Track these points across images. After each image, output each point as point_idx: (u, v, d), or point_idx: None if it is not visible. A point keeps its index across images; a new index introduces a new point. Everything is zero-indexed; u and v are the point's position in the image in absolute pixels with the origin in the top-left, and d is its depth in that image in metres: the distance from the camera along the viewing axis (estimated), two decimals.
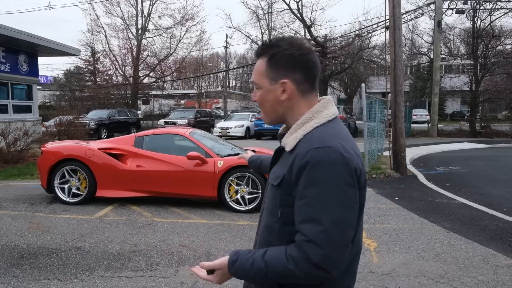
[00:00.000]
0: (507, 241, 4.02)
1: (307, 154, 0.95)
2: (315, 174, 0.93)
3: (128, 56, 25.69)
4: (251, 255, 0.99)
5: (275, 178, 1.05)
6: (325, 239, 0.91)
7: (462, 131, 19.39)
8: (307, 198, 0.94)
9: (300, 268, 0.92)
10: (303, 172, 0.95)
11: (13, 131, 9.38)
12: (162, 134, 5.87)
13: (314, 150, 0.95)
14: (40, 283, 3.02)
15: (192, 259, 3.52)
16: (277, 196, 1.03)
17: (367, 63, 25.53)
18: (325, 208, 0.92)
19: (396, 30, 8.04)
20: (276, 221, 1.04)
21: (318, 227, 0.91)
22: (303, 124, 1.04)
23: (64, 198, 5.41)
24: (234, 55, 53.50)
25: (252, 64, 38.40)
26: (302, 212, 0.94)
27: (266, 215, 1.09)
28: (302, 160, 0.96)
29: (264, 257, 0.96)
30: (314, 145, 0.96)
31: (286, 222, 1.01)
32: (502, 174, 8.31)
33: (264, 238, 1.09)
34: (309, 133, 1.01)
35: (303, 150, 0.97)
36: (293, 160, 0.99)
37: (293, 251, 0.94)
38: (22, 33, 10.92)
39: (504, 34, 19.11)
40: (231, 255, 1.02)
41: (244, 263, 0.98)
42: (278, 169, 1.07)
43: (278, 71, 1.04)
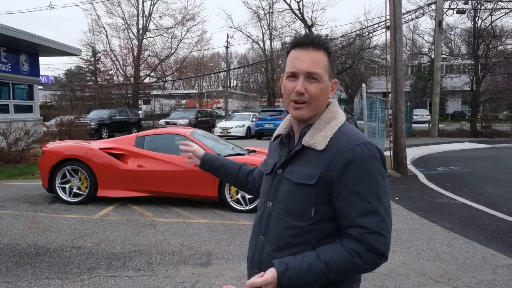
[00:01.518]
0: (507, 241, 4.02)
1: (350, 151, 0.99)
2: (363, 169, 0.98)
3: (129, 56, 25.72)
4: (302, 260, 0.98)
5: (307, 177, 1.02)
6: (385, 227, 0.99)
7: (463, 131, 19.37)
8: (360, 192, 0.98)
9: (365, 260, 0.98)
10: (349, 168, 0.98)
11: (14, 131, 9.41)
12: (162, 134, 5.88)
13: (357, 147, 1.00)
14: (41, 282, 3.04)
15: (192, 258, 3.53)
16: (309, 195, 1.02)
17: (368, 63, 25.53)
18: (379, 199, 0.99)
19: (396, 30, 8.04)
20: (307, 221, 1.03)
21: (377, 217, 0.98)
22: (327, 124, 1.06)
23: (65, 198, 5.42)
24: (235, 55, 53.55)
25: (253, 64, 38.37)
26: (357, 206, 0.98)
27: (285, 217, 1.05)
28: (345, 158, 0.99)
29: (321, 258, 0.98)
30: (353, 142, 1.01)
31: (319, 221, 1.02)
32: (503, 174, 8.30)
33: (284, 240, 1.05)
34: (338, 132, 1.04)
35: (344, 148, 1.00)
36: (331, 159, 1.00)
37: (353, 245, 0.98)
38: (23, 33, 10.95)
39: (505, 34, 19.07)
40: (278, 266, 0.99)
41: (298, 270, 0.97)
42: (306, 169, 1.03)
43: (333, 70, 1.08)
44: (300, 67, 1.03)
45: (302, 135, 1.09)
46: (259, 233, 1.12)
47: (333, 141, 1.02)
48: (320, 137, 1.04)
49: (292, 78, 1.06)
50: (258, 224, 1.14)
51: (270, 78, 32.14)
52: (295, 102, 1.06)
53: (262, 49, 32.90)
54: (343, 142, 1.01)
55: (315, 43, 1.04)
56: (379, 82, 29.65)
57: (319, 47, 1.05)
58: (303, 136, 1.08)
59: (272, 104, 32.28)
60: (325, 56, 1.05)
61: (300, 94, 1.04)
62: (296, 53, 1.05)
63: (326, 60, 1.05)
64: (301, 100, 1.05)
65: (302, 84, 1.04)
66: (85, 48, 26.39)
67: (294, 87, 1.05)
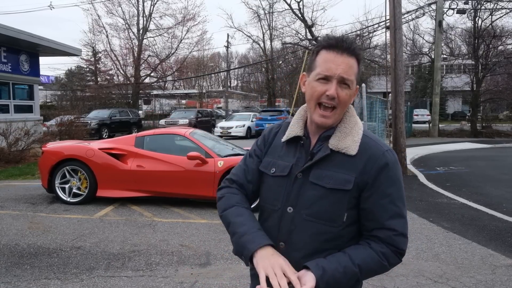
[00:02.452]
0: (506, 241, 4.02)
1: (383, 156, 1.04)
2: (394, 174, 1.04)
3: (130, 56, 25.75)
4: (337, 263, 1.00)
5: (343, 182, 1.02)
6: (407, 229, 1.05)
7: (463, 131, 19.35)
8: (390, 195, 1.03)
9: (390, 261, 1.03)
10: (383, 172, 1.03)
11: (14, 131, 9.42)
12: (162, 134, 5.89)
13: (386, 152, 1.05)
14: (41, 282, 3.04)
15: (192, 259, 3.53)
16: (343, 200, 1.03)
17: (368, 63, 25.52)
18: (403, 203, 1.06)
19: (396, 30, 8.04)
20: (338, 226, 1.04)
21: (403, 219, 1.04)
22: (352, 128, 1.07)
23: (64, 198, 5.43)
24: (236, 55, 53.59)
25: (253, 64, 38.36)
26: (388, 209, 1.03)
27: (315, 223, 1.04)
28: (380, 162, 1.03)
29: (354, 261, 1.01)
30: (383, 147, 1.06)
31: (349, 224, 1.06)
32: (503, 174, 8.30)
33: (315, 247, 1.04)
34: (364, 136, 1.07)
35: (377, 153, 1.04)
36: (365, 163, 1.03)
37: (381, 247, 1.02)
38: (23, 33, 10.96)
39: (505, 34, 19.05)
40: (315, 269, 0.98)
41: (335, 272, 0.99)
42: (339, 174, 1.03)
43: (358, 76, 1.08)
44: (335, 72, 1.02)
45: (322, 138, 1.07)
46: (276, 238, 1.08)
47: (363, 146, 1.05)
48: (350, 141, 1.05)
49: (323, 81, 1.04)
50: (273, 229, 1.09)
51: (270, 78, 32.12)
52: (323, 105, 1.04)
53: (263, 49, 32.91)
54: (373, 148, 1.05)
55: (350, 48, 1.04)
56: (379, 82, 29.63)
57: (353, 53, 1.04)
58: (323, 139, 1.07)
59: (272, 104, 32.27)
60: (356, 63, 1.05)
61: (332, 99, 1.03)
62: (330, 55, 1.03)
63: (357, 67, 1.06)
64: (331, 104, 1.03)
65: (335, 89, 1.02)
66: (86, 48, 26.46)
67: (325, 90, 1.03)
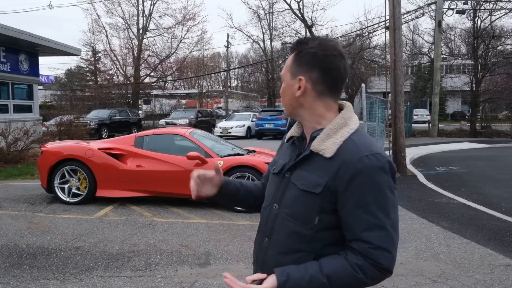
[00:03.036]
0: (504, 241, 4.03)
1: (359, 162, 0.95)
2: (371, 181, 0.95)
3: (129, 55, 25.74)
4: (304, 271, 0.97)
5: (313, 185, 1.00)
6: (391, 243, 0.95)
7: (462, 131, 19.37)
8: (367, 205, 0.95)
9: (368, 275, 0.95)
10: (356, 179, 0.95)
11: (13, 131, 9.42)
12: (162, 134, 5.89)
13: (366, 157, 0.95)
14: (40, 283, 3.04)
15: (191, 259, 3.53)
16: (314, 203, 1.00)
17: (368, 63, 25.53)
18: (386, 213, 0.95)
19: (396, 30, 8.04)
20: (310, 228, 1.01)
21: (383, 232, 0.94)
22: (337, 130, 1.02)
23: (64, 198, 5.43)
24: (236, 55, 53.55)
25: (253, 64, 38.39)
26: (363, 220, 0.95)
27: (290, 222, 1.04)
28: (354, 168, 0.95)
29: (323, 271, 0.96)
30: (363, 152, 0.96)
31: (322, 229, 1.01)
32: (502, 174, 8.30)
33: (288, 246, 1.04)
34: (347, 139, 1.00)
35: (353, 158, 0.96)
36: (338, 167, 0.97)
37: (357, 260, 0.95)
38: (22, 33, 10.95)
39: (504, 34, 19.07)
40: (279, 275, 0.98)
41: (300, 280, 0.96)
42: (313, 176, 1.01)
43: (299, 67, 1.05)
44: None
45: (311, 139, 1.07)
46: (264, 234, 1.11)
47: (342, 149, 0.99)
48: (329, 143, 1.00)
49: None
50: (263, 224, 1.13)
51: (270, 78, 32.13)
52: None
53: (263, 49, 32.92)
54: (352, 151, 0.97)
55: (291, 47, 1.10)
56: (379, 82, 29.63)
57: (291, 50, 1.09)
58: (311, 140, 1.06)
59: (272, 104, 32.27)
60: (291, 56, 1.07)
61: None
62: None
63: (290, 60, 1.07)
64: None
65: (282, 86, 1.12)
66: (85, 47, 26.47)
67: None
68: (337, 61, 1.03)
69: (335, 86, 1.05)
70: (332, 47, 1.04)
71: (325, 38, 1.07)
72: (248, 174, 5.06)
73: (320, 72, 1.02)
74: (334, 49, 1.03)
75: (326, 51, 1.02)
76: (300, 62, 1.04)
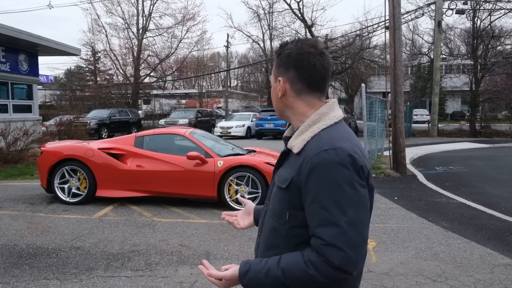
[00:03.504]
0: (504, 240, 4.03)
1: (317, 156, 0.94)
2: (327, 176, 0.93)
3: (129, 55, 25.72)
4: (264, 264, 0.98)
5: (282, 180, 1.02)
6: (344, 241, 0.91)
7: (462, 131, 19.39)
8: (321, 201, 0.93)
9: (321, 272, 0.92)
10: (313, 174, 0.94)
11: (13, 131, 9.41)
12: (162, 134, 5.89)
13: (324, 152, 0.94)
14: (40, 283, 3.04)
15: (191, 258, 3.53)
16: (284, 199, 1.01)
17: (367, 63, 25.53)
18: (341, 210, 0.92)
19: (396, 30, 8.05)
20: (283, 224, 1.02)
21: (336, 229, 0.91)
22: (310, 126, 1.02)
23: (64, 198, 5.43)
24: (236, 55, 53.55)
25: (253, 64, 38.38)
26: (317, 215, 0.93)
27: (271, 218, 1.07)
28: (311, 163, 0.94)
29: (280, 264, 0.96)
30: (323, 147, 0.95)
31: (294, 225, 1.00)
32: (501, 174, 8.31)
33: (269, 241, 1.07)
34: (316, 135, 1.00)
35: (312, 153, 0.96)
36: (301, 163, 0.97)
37: (311, 256, 0.93)
38: (22, 33, 10.95)
39: (504, 34, 19.10)
40: (242, 265, 1.01)
41: (258, 273, 0.98)
42: (285, 172, 1.04)
43: (278, 70, 1.08)
44: None
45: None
46: (259, 230, 1.16)
47: (308, 145, 0.99)
48: (299, 140, 1.01)
49: None
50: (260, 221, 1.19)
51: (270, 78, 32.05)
52: None
53: (262, 49, 32.90)
54: (313, 147, 0.97)
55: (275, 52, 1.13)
56: (379, 82, 29.64)
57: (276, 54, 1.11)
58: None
59: (272, 104, 32.19)
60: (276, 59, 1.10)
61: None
62: None
63: (276, 64, 1.10)
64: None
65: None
66: (85, 47, 26.45)
67: None
68: (311, 58, 1.02)
69: (313, 83, 1.04)
70: (308, 45, 1.04)
71: (305, 39, 1.08)
72: (248, 174, 5.06)
73: (295, 71, 1.04)
74: (311, 47, 1.03)
75: (301, 50, 1.04)
76: (279, 64, 1.08)
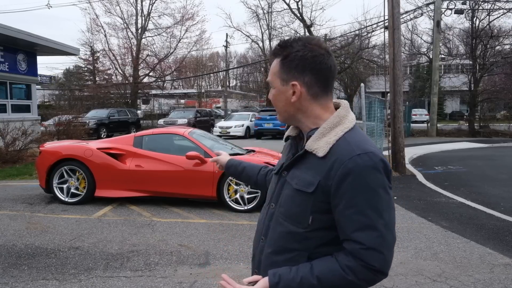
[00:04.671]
0: (504, 240, 4.04)
1: (351, 161, 0.94)
2: (363, 181, 0.93)
3: (128, 55, 25.71)
4: (296, 273, 0.97)
5: (306, 184, 1.00)
6: (383, 244, 0.93)
7: (461, 130, 19.42)
8: (358, 205, 0.93)
9: (360, 276, 0.93)
10: (348, 179, 0.94)
11: (11, 131, 9.38)
12: (161, 134, 5.87)
13: (357, 157, 0.94)
14: (38, 283, 3.03)
15: (191, 258, 3.53)
16: (306, 203, 1.00)
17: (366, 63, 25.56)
18: (378, 213, 0.93)
19: (395, 30, 8.05)
20: (304, 228, 1.01)
21: (375, 233, 0.93)
22: (332, 129, 1.01)
23: (63, 198, 5.41)
24: (235, 55, 53.48)
25: (252, 63, 38.37)
26: (354, 220, 0.94)
27: (284, 221, 1.04)
28: (345, 167, 0.94)
29: (314, 273, 0.95)
30: (355, 151, 0.95)
31: (316, 228, 1.00)
32: (500, 174, 8.32)
33: (280, 245, 1.05)
34: (341, 138, 0.99)
35: (344, 157, 0.95)
36: (331, 167, 0.96)
37: (348, 261, 0.94)
38: (21, 32, 10.91)
39: (502, 34, 19.14)
40: (271, 277, 0.98)
41: (290, 282, 0.96)
42: (306, 175, 1.01)
43: (290, 73, 1.03)
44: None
45: (308, 138, 1.07)
46: (261, 233, 1.13)
47: (335, 148, 0.98)
48: (323, 143, 1.00)
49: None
50: (261, 223, 1.15)
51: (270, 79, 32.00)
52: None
53: (261, 49, 32.89)
54: (344, 150, 0.96)
55: (273, 52, 1.08)
56: (378, 82, 29.68)
57: (275, 54, 1.07)
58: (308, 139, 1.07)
59: (271, 104, 32.18)
60: (278, 61, 1.05)
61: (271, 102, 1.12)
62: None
63: (277, 66, 1.06)
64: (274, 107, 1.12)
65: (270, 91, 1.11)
66: (84, 47, 26.41)
67: None
68: (326, 60, 1.02)
69: (328, 85, 1.05)
70: (317, 46, 1.02)
71: (308, 37, 1.06)
72: None
73: (312, 74, 1.02)
74: (320, 48, 1.02)
75: (314, 52, 1.01)
76: (289, 67, 1.03)
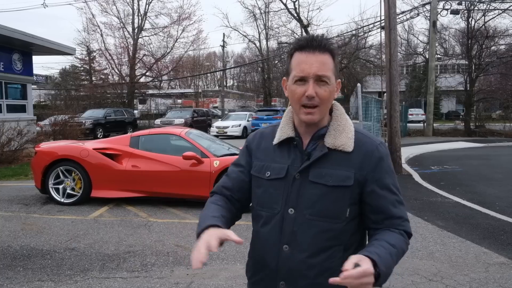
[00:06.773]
0: (499, 239, 4.06)
1: (377, 149, 1.09)
2: (388, 165, 1.10)
3: (125, 55, 25.59)
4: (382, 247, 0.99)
5: (344, 179, 1.04)
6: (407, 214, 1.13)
7: (457, 130, 19.53)
8: (389, 186, 1.09)
9: (408, 243, 1.09)
10: (379, 166, 1.08)
11: (7, 131, 9.32)
12: (158, 134, 5.86)
13: (380, 145, 1.10)
14: (34, 285, 3.01)
15: (187, 259, 3.51)
16: (344, 196, 1.05)
17: (363, 63, 25.66)
18: (399, 190, 1.12)
19: (391, 30, 8.08)
20: (342, 222, 1.06)
21: (403, 206, 1.11)
22: (345, 126, 1.10)
23: (58, 199, 5.38)
24: (232, 55, 53.37)
25: (249, 63, 38.34)
26: (390, 200, 1.08)
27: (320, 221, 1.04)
28: (375, 156, 1.08)
29: (390, 242, 1.03)
30: (375, 141, 1.11)
31: (350, 219, 1.07)
32: (496, 173, 8.38)
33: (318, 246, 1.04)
34: (356, 133, 1.10)
35: (371, 148, 1.08)
36: (362, 159, 1.07)
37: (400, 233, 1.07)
38: (16, 32, 10.83)
39: (498, 35, 19.26)
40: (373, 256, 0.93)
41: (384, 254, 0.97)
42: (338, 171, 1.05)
43: (337, 71, 1.10)
44: (309, 71, 1.02)
45: (316, 137, 1.08)
46: (280, 242, 1.07)
47: (358, 142, 1.08)
48: (345, 139, 1.07)
49: (300, 82, 1.04)
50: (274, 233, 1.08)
51: (266, 77, 32.12)
52: (305, 106, 1.04)
53: (258, 49, 32.91)
54: (368, 143, 1.09)
55: (321, 46, 1.04)
56: (374, 82, 29.76)
57: (325, 49, 1.04)
58: (317, 138, 1.08)
59: (268, 104, 32.27)
60: (331, 58, 1.05)
61: (311, 98, 1.03)
62: (303, 56, 1.04)
63: (332, 62, 1.05)
64: (312, 104, 1.03)
65: (313, 88, 1.02)
66: (80, 47, 26.27)
67: (304, 92, 1.03)
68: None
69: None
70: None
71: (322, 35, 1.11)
72: None
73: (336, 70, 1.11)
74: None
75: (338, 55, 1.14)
76: (337, 65, 1.10)
